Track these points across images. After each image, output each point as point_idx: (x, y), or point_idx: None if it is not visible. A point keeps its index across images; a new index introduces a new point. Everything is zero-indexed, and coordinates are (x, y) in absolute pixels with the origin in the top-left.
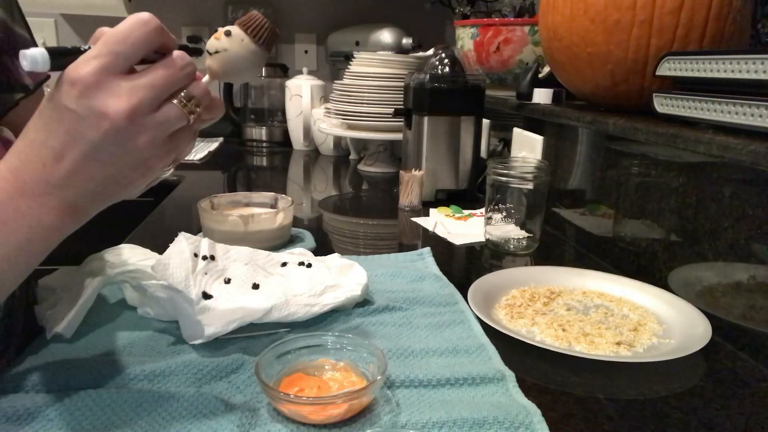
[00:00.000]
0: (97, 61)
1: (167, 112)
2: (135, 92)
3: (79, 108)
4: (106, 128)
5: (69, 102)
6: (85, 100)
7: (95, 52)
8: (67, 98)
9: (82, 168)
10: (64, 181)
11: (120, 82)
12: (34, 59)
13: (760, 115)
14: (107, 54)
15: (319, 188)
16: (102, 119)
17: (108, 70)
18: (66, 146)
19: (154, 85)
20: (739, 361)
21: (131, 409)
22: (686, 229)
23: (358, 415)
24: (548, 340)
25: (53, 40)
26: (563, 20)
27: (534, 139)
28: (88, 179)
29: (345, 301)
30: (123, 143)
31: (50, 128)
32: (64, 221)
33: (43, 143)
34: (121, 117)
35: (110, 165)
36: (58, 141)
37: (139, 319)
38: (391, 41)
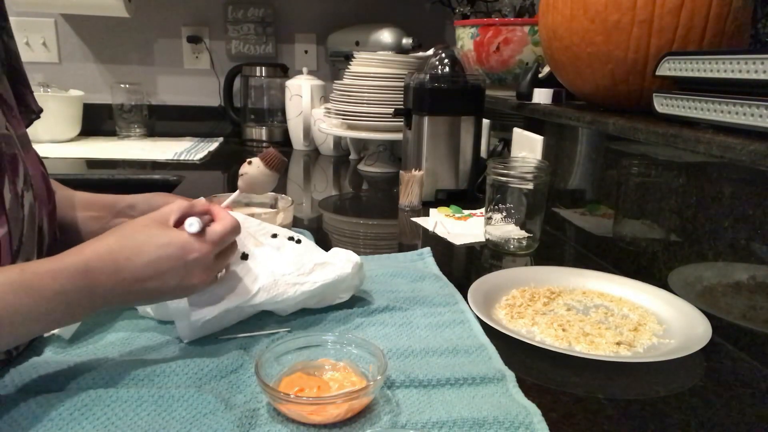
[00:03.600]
0: (207, 246)
1: (220, 260)
2: (219, 265)
3: (183, 271)
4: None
5: (182, 266)
6: (190, 269)
7: (208, 238)
8: (183, 260)
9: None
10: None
11: (214, 259)
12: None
13: (760, 115)
14: (215, 243)
15: (319, 188)
16: (193, 277)
17: (212, 253)
18: (157, 278)
19: (226, 262)
20: (739, 361)
21: (131, 409)
22: (686, 229)
23: (358, 415)
24: (548, 340)
25: (53, 40)
26: (563, 20)
27: (534, 139)
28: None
29: (335, 279)
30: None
31: (162, 257)
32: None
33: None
34: (205, 281)
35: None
36: (148, 273)
37: (139, 319)
38: (391, 41)
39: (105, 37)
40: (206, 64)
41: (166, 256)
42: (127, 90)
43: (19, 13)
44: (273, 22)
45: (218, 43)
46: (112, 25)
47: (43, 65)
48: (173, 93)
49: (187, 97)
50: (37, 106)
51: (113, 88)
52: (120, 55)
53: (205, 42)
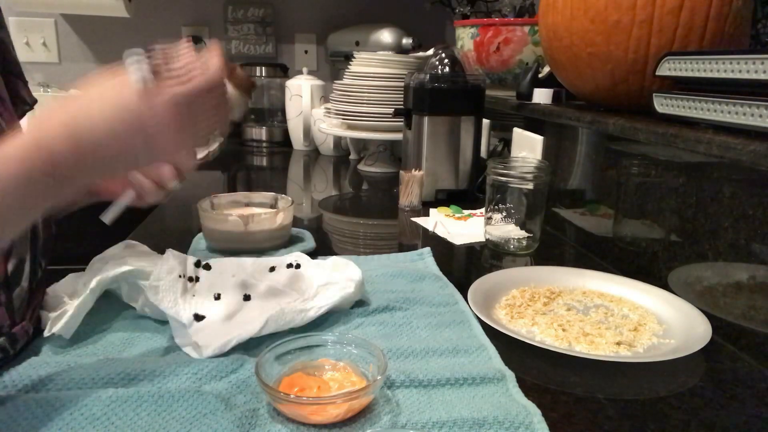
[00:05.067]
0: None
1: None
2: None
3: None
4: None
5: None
6: (156, 118)
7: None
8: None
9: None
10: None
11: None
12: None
13: (760, 115)
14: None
15: (319, 188)
16: (164, 127)
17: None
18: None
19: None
20: (739, 361)
21: (131, 409)
22: (686, 229)
23: (358, 415)
24: (548, 340)
25: (53, 40)
26: (563, 20)
27: (534, 139)
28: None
29: (340, 300)
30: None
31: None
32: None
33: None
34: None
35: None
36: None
37: (138, 319)
38: (391, 41)
39: (105, 37)
40: None
41: (116, 116)
42: None
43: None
44: (273, 22)
45: None
46: (112, 25)
47: (43, 65)
48: None
49: None
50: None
51: None
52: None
53: (205, 42)
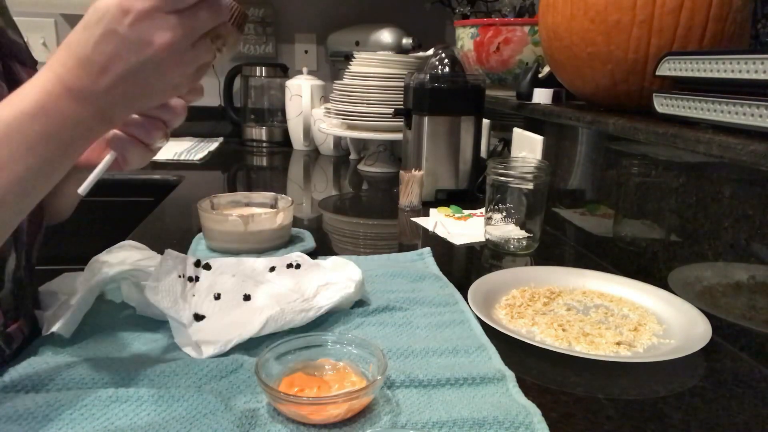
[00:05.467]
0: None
1: (200, 48)
2: (179, 28)
3: (128, 34)
4: (148, 55)
5: (120, 27)
6: (134, 28)
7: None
8: (118, 23)
9: (120, 84)
10: (104, 92)
11: (168, 17)
12: None
13: (760, 115)
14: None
15: (319, 188)
16: (146, 47)
17: (160, 9)
18: (110, 64)
19: (195, 25)
20: (739, 361)
21: (131, 409)
22: (686, 229)
23: (358, 415)
24: (548, 340)
25: (53, 40)
26: (563, 20)
27: (534, 139)
28: (123, 94)
29: (340, 300)
30: (160, 70)
31: (97, 47)
32: (98, 125)
33: (88, 58)
34: (164, 48)
35: (145, 86)
36: (103, 58)
37: (138, 318)
38: (391, 41)
39: None
40: None
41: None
42: None
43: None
44: (273, 22)
45: None
46: None
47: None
48: None
49: None
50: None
51: None
52: None
53: None
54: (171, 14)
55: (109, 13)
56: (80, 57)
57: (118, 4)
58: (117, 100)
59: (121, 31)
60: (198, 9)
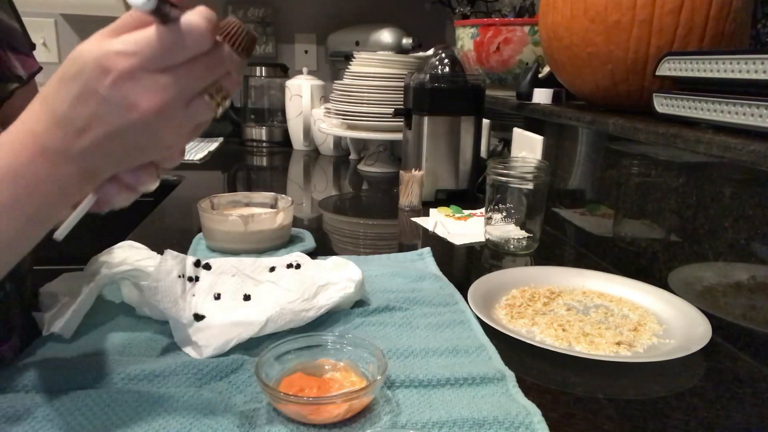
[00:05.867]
0: (137, 60)
1: (197, 107)
2: (170, 89)
3: (109, 96)
4: (134, 119)
5: (100, 87)
6: (116, 90)
7: (137, 48)
8: (97, 82)
9: (103, 145)
10: (83, 152)
11: (156, 77)
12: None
13: (760, 115)
14: (151, 58)
15: (319, 188)
16: (131, 110)
17: (146, 69)
18: (90, 124)
19: (190, 84)
20: (739, 361)
21: (131, 409)
22: (686, 229)
23: (358, 415)
24: (548, 340)
25: (53, 40)
26: (563, 20)
27: (534, 139)
28: (107, 154)
29: (340, 300)
30: (149, 133)
31: (75, 105)
32: (81, 185)
33: (65, 116)
34: (152, 112)
35: (133, 147)
36: (81, 119)
37: (138, 319)
38: (391, 41)
39: None
40: None
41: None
42: None
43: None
44: (273, 22)
45: None
46: None
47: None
48: None
49: None
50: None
51: None
52: None
53: None
54: (159, 73)
55: (87, 69)
56: (56, 114)
57: (97, 60)
58: (100, 160)
59: (101, 92)
60: (193, 65)
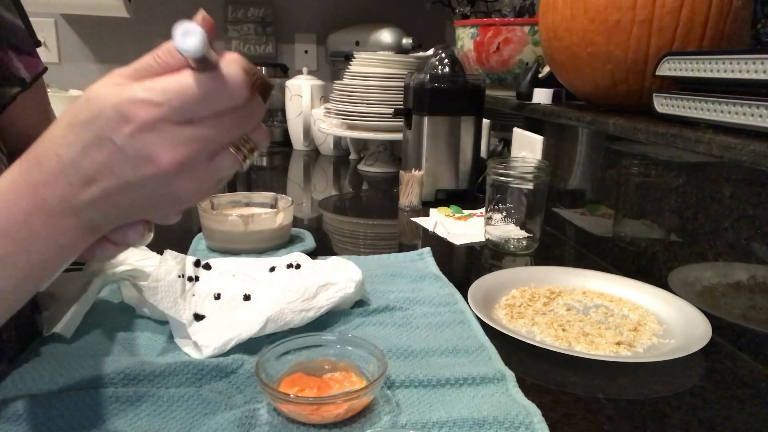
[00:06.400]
0: (162, 110)
1: (221, 162)
2: (195, 142)
3: (125, 146)
4: (150, 173)
5: (116, 136)
6: (135, 141)
7: (165, 97)
8: (114, 131)
9: (111, 197)
10: (88, 204)
11: (181, 130)
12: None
13: (760, 115)
14: (179, 109)
15: (319, 188)
16: (149, 164)
17: (171, 121)
18: (100, 174)
19: (216, 138)
20: (739, 361)
21: (131, 409)
22: (686, 229)
23: (358, 415)
24: (548, 340)
25: (53, 40)
26: (563, 20)
27: (534, 139)
28: (115, 207)
29: (340, 300)
30: (165, 187)
31: (86, 151)
32: (82, 239)
33: (72, 163)
34: (171, 167)
35: (145, 202)
36: (91, 167)
37: (138, 319)
38: (391, 41)
39: (105, 37)
40: None
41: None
42: None
43: None
44: (273, 22)
45: (218, 43)
46: (112, 25)
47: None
48: None
49: None
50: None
51: None
52: (120, 55)
53: None
54: (184, 125)
55: (104, 115)
56: (62, 160)
57: (116, 107)
58: (105, 213)
59: (118, 142)
60: (222, 117)
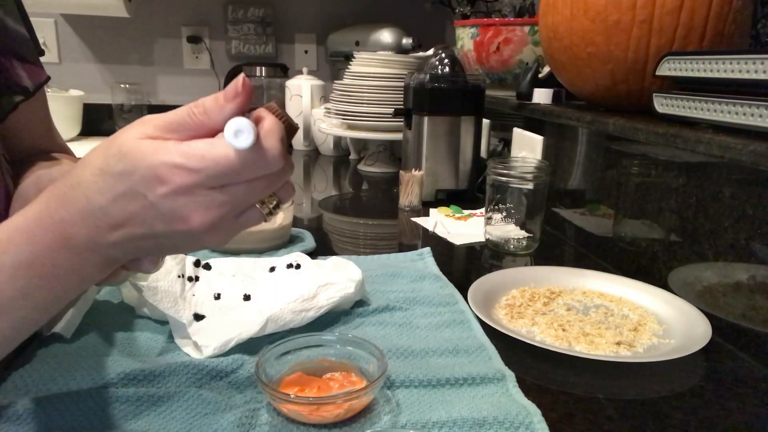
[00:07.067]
0: (198, 178)
1: (248, 218)
2: (225, 206)
3: (158, 204)
4: (180, 230)
5: (150, 194)
6: (168, 201)
7: (202, 165)
8: (148, 190)
9: (137, 241)
10: (113, 245)
11: (213, 194)
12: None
13: (760, 115)
14: (214, 177)
15: (319, 188)
16: (179, 223)
17: (204, 187)
18: (128, 223)
19: (246, 199)
20: (739, 361)
21: (131, 409)
22: (686, 229)
23: (358, 415)
24: (548, 340)
25: (53, 40)
26: (563, 20)
27: (534, 139)
28: (139, 247)
29: (340, 300)
30: (192, 241)
31: (117, 200)
32: (103, 272)
33: (102, 208)
34: (202, 227)
35: (169, 246)
36: (121, 215)
37: (138, 318)
38: (391, 41)
39: (105, 37)
40: (206, 64)
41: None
42: (127, 90)
43: None
44: (273, 22)
45: (218, 43)
46: (112, 25)
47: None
48: (173, 93)
49: (187, 97)
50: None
51: (113, 88)
52: (120, 55)
53: (205, 42)
54: (218, 190)
55: (138, 173)
56: (92, 204)
57: (153, 169)
58: (129, 251)
59: (151, 199)
60: (255, 182)
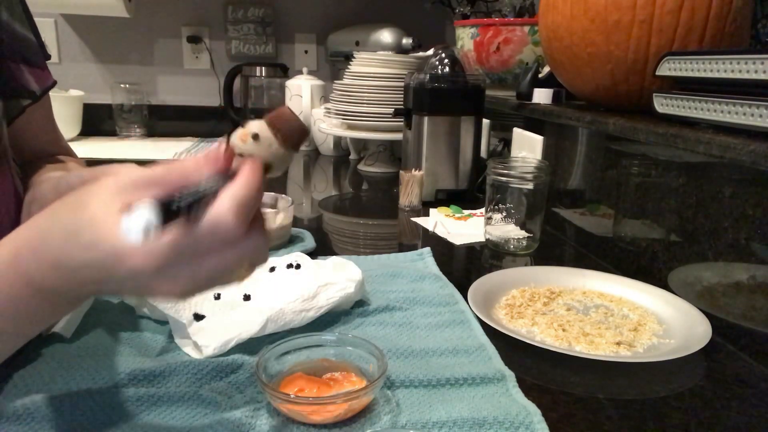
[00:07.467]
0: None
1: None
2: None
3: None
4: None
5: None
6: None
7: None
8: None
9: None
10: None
11: (184, 267)
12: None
13: (760, 115)
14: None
15: (319, 188)
16: (147, 291)
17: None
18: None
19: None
20: (739, 361)
21: (131, 409)
22: (686, 229)
23: (358, 415)
24: (548, 340)
25: (53, 40)
26: (563, 20)
27: (534, 139)
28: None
29: (340, 300)
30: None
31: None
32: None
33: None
34: (171, 295)
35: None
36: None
37: (138, 319)
38: (391, 41)
39: (105, 37)
40: (206, 64)
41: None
42: (127, 90)
43: None
44: (273, 22)
45: (218, 43)
46: (112, 25)
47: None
48: (173, 93)
49: (187, 97)
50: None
51: (113, 88)
52: (120, 55)
53: (205, 42)
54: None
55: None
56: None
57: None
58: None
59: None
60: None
